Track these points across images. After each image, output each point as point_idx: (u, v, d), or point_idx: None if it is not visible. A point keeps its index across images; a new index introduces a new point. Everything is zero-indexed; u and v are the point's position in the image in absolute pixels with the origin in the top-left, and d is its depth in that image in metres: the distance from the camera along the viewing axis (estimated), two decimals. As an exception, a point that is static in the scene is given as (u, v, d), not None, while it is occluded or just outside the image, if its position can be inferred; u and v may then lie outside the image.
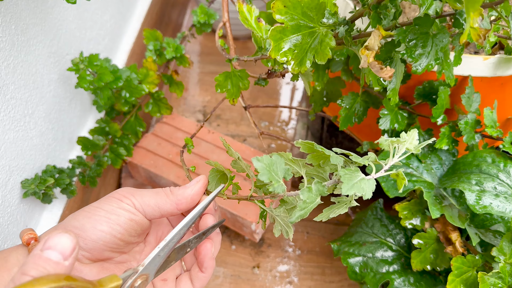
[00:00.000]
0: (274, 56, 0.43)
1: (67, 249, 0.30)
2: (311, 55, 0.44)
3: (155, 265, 0.37)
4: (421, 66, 0.48)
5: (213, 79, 1.13)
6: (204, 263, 0.41)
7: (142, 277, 0.37)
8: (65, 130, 0.69)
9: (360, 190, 0.34)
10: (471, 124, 0.56)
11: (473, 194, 0.50)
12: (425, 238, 0.55)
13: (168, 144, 0.81)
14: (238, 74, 0.58)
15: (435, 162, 0.57)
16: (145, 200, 0.40)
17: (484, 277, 0.48)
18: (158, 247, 0.37)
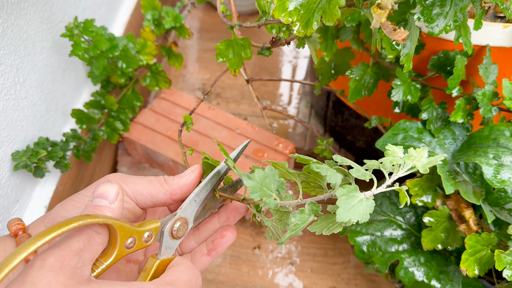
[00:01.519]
0: (278, 16, 0.40)
1: (112, 194, 0.32)
2: (319, 16, 0.41)
3: (193, 210, 0.37)
4: (439, 27, 0.46)
5: (213, 57, 1.10)
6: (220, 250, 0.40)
7: (180, 219, 0.37)
8: (59, 102, 0.66)
9: (356, 216, 0.31)
10: (488, 96, 0.53)
11: (491, 168, 0.48)
12: (436, 216, 0.52)
13: (166, 120, 0.78)
14: (240, 43, 0.55)
15: (448, 137, 0.54)
16: (138, 188, 0.38)
17: (501, 255, 0.46)
18: (193, 192, 0.37)
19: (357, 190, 0.33)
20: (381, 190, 0.34)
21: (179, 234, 0.37)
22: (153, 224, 0.34)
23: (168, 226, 0.36)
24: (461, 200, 0.53)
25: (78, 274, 0.29)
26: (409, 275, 0.52)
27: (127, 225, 0.32)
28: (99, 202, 0.32)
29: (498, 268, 0.46)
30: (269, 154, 0.74)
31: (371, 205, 0.32)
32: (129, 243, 0.33)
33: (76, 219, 0.29)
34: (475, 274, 0.49)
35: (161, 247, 0.36)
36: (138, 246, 0.33)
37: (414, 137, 0.54)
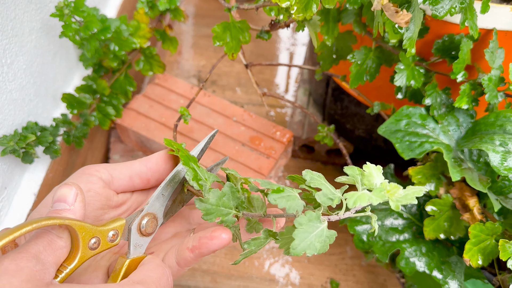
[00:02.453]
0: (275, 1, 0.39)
1: (70, 196, 0.32)
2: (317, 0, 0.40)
3: (161, 204, 0.36)
4: (444, 9, 0.44)
5: (209, 43, 1.07)
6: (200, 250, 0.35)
7: (148, 215, 0.35)
8: (49, 86, 0.64)
9: (312, 249, 0.30)
10: (494, 82, 0.51)
11: (497, 155, 0.47)
12: (439, 205, 0.51)
13: (160, 107, 0.76)
14: (238, 26, 0.53)
15: (452, 124, 0.53)
16: (111, 167, 0.37)
17: (506, 245, 0.45)
18: (160, 186, 0.35)
19: (319, 218, 0.31)
20: (348, 215, 0.32)
21: (148, 230, 0.35)
22: (117, 222, 0.33)
23: (135, 223, 0.34)
24: (465, 188, 0.52)
25: (37, 277, 0.27)
26: (410, 265, 0.51)
27: (88, 225, 0.31)
28: (58, 206, 0.32)
29: (502, 258, 0.45)
30: (266, 142, 0.72)
31: (333, 235, 0.31)
32: (93, 243, 0.31)
33: (30, 222, 0.27)
34: (478, 264, 0.48)
35: (130, 246, 0.34)
36: (104, 247, 0.32)
37: (417, 123, 0.52)
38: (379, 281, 0.72)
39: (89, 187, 0.35)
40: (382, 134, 0.53)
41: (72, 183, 0.32)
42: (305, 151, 0.87)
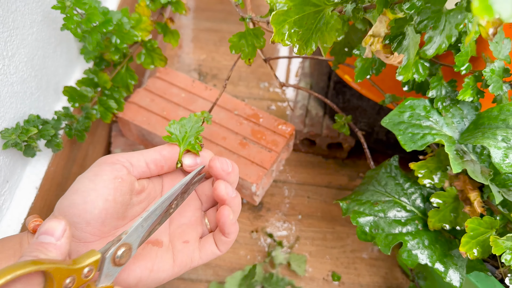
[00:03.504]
0: (278, 41, 0.40)
1: (57, 230, 0.32)
2: (317, 37, 0.41)
3: (138, 236, 0.36)
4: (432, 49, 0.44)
5: (209, 37, 1.07)
6: (225, 229, 0.40)
7: (125, 245, 0.35)
8: (50, 80, 0.64)
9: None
10: (498, 72, 0.51)
11: (499, 151, 0.47)
12: (444, 197, 0.51)
13: (162, 100, 0.76)
14: (252, 33, 0.54)
15: (456, 116, 0.53)
16: (129, 155, 0.39)
17: (498, 240, 0.45)
18: (140, 217, 0.36)
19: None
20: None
21: (121, 261, 0.35)
22: (92, 258, 0.33)
23: (110, 253, 0.34)
24: (468, 181, 0.52)
25: None
26: (412, 257, 0.51)
27: (64, 267, 0.30)
28: (44, 239, 0.32)
29: (495, 253, 0.45)
30: (268, 136, 0.72)
31: None
32: (68, 283, 0.31)
33: (4, 273, 0.27)
34: (474, 256, 0.48)
35: (101, 275, 0.34)
36: (79, 283, 0.32)
37: (421, 115, 0.52)
38: (380, 274, 0.72)
39: (115, 175, 0.37)
40: (385, 126, 0.52)
41: (62, 218, 0.33)
42: (307, 145, 0.86)
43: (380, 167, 0.58)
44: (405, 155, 0.71)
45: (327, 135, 0.81)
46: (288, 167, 0.85)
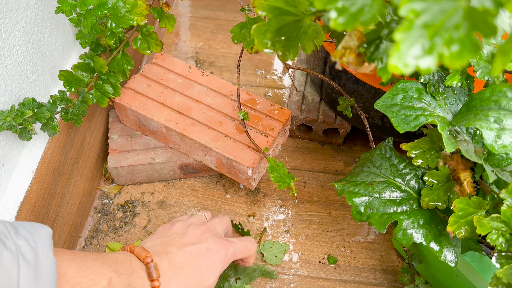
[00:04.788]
0: (261, 50, 0.40)
1: None
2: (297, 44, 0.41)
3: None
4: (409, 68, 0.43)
5: (206, 25, 1.06)
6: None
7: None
8: (46, 64, 0.63)
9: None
10: (486, 58, 0.51)
11: (491, 132, 0.46)
12: (437, 176, 0.51)
13: (158, 86, 0.75)
14: (253, 22, 0.56)
15: (449, 97, 0.53)
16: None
17: (482, 221, 0.45)
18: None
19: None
20: None
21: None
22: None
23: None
24: (460, 162, 0.51)
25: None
26: (407, 236, 0.51)
27: None
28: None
29: (479, 232, 0.45)
30: (264, 121, 0.72)
31: None
32: None
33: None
34: (462, 235, 0.48)
35: None
36: None
37: (413, 97, 0.52)
38: (376, 257, 0.72)
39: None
40: (378, 109, 0.52)
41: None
42: (303, 131, 0.86)
43: (375, 149, 0.57)
44: (401, 139, 0.71)
45: (323, 121, 0.81)
46: (284, 152, 0.85)
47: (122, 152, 0.76)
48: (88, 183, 0.75)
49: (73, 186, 0.70)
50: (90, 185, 0.76)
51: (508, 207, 0.44)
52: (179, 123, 0.71)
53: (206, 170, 0.79)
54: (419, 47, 0.20)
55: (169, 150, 0.76)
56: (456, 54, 0.20)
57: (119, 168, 0.75)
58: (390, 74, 0.40)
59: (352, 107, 0.69)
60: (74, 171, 0.70)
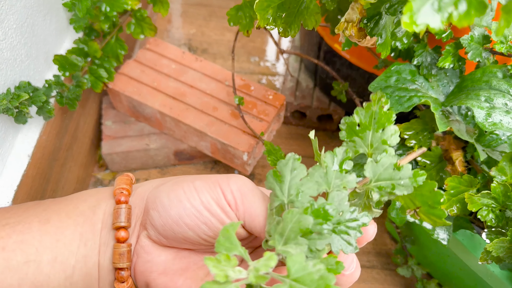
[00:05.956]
0: (263, 26, 0.42)
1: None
2: (299, 20, 0.43)
3: None
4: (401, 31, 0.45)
5: (199, 11, 1.08)
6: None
7: None
8: (40, 48, 0.64)
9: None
10: (477, 39, 0.53)
11: (482, 111, 0.49)
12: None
13: (152, 72, 0.77)
14: (249, 4, 0.56)
15: (442, 79, 0.55)
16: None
17: (473, 197, 0.47)
18: None
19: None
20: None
21: None
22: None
23: None
24: (452, 142, 0.54)
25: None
26: (400, 215, 0.53)
27: None
28: None
29: (471, 209, 0.48)
30: (259, 106, 0.74)
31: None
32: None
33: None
34: (454, 213, 0.50)
35: None
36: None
37: (407, 79, 0.54)
38: (370, 241, 0.75)
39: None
40: (372, 91, 0.54)
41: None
42: (297, 118, 0.88)
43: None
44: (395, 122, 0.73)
45: (317, 107, 0.83)
46: (279, 139, 0.87)
47: (116, 138, 0.77)
48: (83, 169, 0.77)
49: (68, 172, 0.72)
50: (84, 172, 0.78)
51: (498, 184, 0.47)
52: (174, 108, 0.73)
53: (201, 157, 0.81)
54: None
55: (163, 136, 0.78)
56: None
57: (113, 155, 0.77)
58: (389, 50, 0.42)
59: (346, 92, 0.71)
60: (69, 157, 0.72)
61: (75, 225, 0.34)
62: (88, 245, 0.34)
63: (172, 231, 0.33)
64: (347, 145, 0.33)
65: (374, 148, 0.33)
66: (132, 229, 0.35)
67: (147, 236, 0.35)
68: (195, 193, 0.32)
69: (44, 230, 0.33)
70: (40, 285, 0.32)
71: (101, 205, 0.36)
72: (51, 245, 0.33)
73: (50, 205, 0.36)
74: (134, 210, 0.36)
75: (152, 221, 0.34)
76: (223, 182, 0.33)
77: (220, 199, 0.32)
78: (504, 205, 0.47)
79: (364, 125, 0.33)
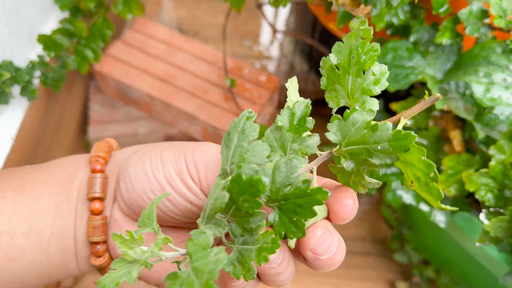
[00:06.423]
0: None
1: None
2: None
3: None
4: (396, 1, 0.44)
5: (190, -6, 1.06)
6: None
7: None
8: (23, 28, 0.63)
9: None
10: (475, 14, 0.52)
11: (481, 86, 0.48)
12: (427, 136, 0.52)
13: (140, 53, 0.76)
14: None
15: (439, 56, 0.54)
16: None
17: (472, 177, 0.47)
18: None
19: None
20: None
21: None
22: None
23: None
24: (450, 121, 0.53)
25: None
26: (396, 197, 0.52)
27: None
28: None
29: (468, 188, 0.47)
30: (253, 89, 0.73)
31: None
32: None
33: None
34: (452, 194, 0.50)
35: None
36: None
37: (404, 56, 0.53)
38: (365, 227, 0.74)
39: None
40: (369, 68, 0.53)
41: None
42: (291, 102, 0.87)
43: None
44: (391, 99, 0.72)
45: (312, 91, 0.82)
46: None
47: (104, 123, 0.76)
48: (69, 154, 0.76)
49: (53, 157, 0.70)
50: (71, 157, 0.76)
51: (497, 162, 0.46)
52: (163, 91, 0.72)
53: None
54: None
55: (153, 121, 0.77)
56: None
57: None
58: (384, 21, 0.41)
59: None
60: (55, 142, 0.70)
61: (50, 195, 0.33)
62: (64, 216, 0.33)
63: (138, 206, 0.31)
64: (329, 95, 0.27)
65: (354, 99, 0.26)
66: (107, 200, 0.34)
67: (119, 208, 0.33)
68: (160, 165, 0.30)
69: (18, 200, 0.32)
70: (14, 258, 0.31)
71: (78, 174, 0.34)
72: (25, 216, 0.31)
73: (26, 173, 0.34)
74: (110, 179, 0.34)
75: (120, 193, 0.32)
76: (188, 152, 0.30)
77: (183, 172, 0.30)
78: (502, 184, 0.47)
79: (343, 68, 0.26)
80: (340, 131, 0.25)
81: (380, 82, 0.25)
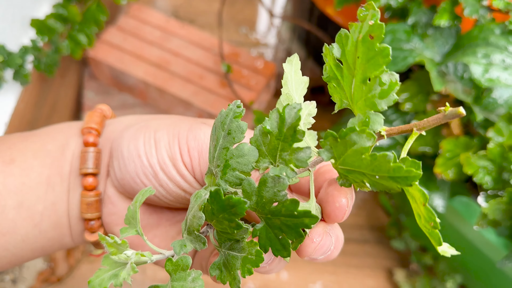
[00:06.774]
0: None
1: None
2: None
3: None
4: None
5: (186, -20, 1.05)
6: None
7: None
8: (16, 12, 0.63)
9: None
10: (475, -4, 0.52)
11: (479, 67, 0.48)
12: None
13: (135, 39, 0.75)
14: None
15: (437, 39, 0.54)
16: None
17: (470, 159, 0.47)
18: None
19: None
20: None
21: None
22: None
23: None
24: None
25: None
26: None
27: None
28: None
29: (466, 171, 0.47)
30: (249, 75, 0.73)
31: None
32: None
33: None
34: (450, 177, 0.50)
35: None
36: None
37: (402, 39, 0.53)
38: (363, 214, 0.75)
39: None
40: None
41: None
42: (288, 90, 0.87)
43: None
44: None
45: (310, 78, 0.82)
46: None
47: (99, 110, 0.76)
48: (63, 142, 0.76)
49: (48, 144, 0.70)
50: (65, 145, 0.76)
51: (495, 145, 0.46)
52: (158, 77, 0.72)
53: (188, 129, 0.80)
54: None
55: (147, 108, 0.77)
56: None
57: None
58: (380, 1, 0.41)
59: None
60: (48, 128, 0.70)
61: (41, 167, 0.32)
62: (56, 190, 0.32)
63: (131, 187, 0.30)
64: (332, 90, 0.24)
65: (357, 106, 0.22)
66: (101, 175, 0.33)
67: (112, 184, 0.32)
68: (154, 149, 0.29)
69: (8, 172, 0.31)
70: (6, 232, 0.30)
71: (70, 144, 0.33)
72: (15, 189, 0.31)
73: (15, 142, 0.33)
74: (104, 152, 0.33)
75: (114, 171, 0.31)
76: (183, 137, 0.29)
77: (177, 159, 0.29)
78: (501, 167, 0.47)
79: (347, 66, 0.22)
80: (334, 150, 0.21)
81: (389, 96, 0.21)
